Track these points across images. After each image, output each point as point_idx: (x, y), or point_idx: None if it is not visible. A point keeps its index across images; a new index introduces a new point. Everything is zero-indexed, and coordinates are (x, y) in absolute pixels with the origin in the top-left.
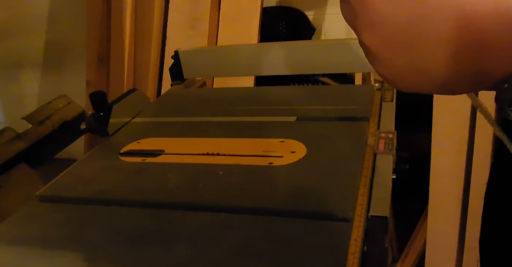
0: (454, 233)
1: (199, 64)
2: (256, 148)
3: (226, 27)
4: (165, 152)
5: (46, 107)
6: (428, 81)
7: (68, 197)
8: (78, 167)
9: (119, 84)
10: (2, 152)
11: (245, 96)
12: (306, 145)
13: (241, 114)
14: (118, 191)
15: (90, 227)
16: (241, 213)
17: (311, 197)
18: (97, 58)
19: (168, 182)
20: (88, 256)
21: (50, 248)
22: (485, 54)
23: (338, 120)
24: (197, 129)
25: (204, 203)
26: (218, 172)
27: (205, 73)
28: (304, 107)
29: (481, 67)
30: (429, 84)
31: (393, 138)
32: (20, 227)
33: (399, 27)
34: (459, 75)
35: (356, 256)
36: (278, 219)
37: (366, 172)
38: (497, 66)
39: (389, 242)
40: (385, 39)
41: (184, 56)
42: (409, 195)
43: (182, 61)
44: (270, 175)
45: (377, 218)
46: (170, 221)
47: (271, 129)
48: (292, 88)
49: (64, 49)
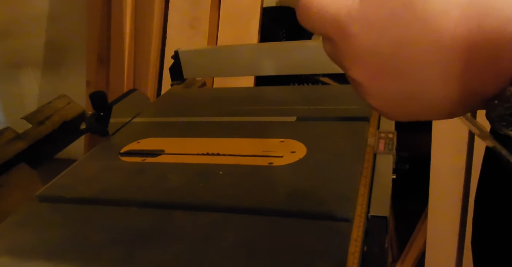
0: (454, 233)
1: (199, 64)
2: (256, 148)
3: (226, 27)
4: (165, 152)
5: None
6: (422, 107)
7: (68, 197)
8: (78, 167)
9: (119, 84)
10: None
11: (245, 96)
12: (306, 145)
13: (241, 114)
14: (118, 191)
15: (90, 227)
16: (241, 213)
17: (311, 197)
18: (97, 58)
19: (168, 182)
20: (88, 256)
21: (50, 248)
22: (472, 73)
23: (338, 120)
24: (197, 129)
25: (204, 203)
26: (218, 172)
27: (205, 73)
28: (304, 107)
29: (470, 86)
30: (423, 110)
31: (393, 138)
32: (20, 227)
33: (386, 57)
34: (451, 96)
35: (356, 256)
36: (278, 219)
37: (366, 172)
38: (485, 84)
39: (389, 242)
40: (373, 70)
41: (184, 56)
42: (409, 195)
43: (182, 61)
44: (270, 175)
45: (377, 218)
46: (170, 221)
47: (271, 129)
48: (292, 88)
49: (64, 49)
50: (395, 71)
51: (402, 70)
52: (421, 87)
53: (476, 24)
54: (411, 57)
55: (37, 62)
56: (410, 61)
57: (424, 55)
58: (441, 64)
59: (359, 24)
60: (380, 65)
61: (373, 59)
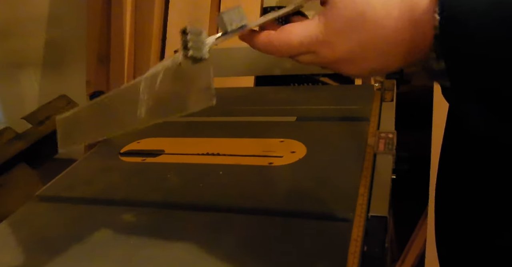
0: None
1: None
2: (256, 148)
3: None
4: (165, 152)
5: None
6: (382, 72)
7: (68, 197)
8: (78, 167)
9: (119, 84)
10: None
11: (245, 96)
12: (306, 145)
13: (241, 114)
14: (118, 191)
15: (90, 227)
16: (241, 213)
17: (311, 197)
18: (97, 58)
19: (168, 182)
20: (88, 256)
21: (50, 248)
22: (412, 49)
23: (338, 120)
24: (197, 129)
25: (204, 203)
26: (218, 172)
27: None
28: (304, 107)
29: (412, 56)
30: (382, 73)
31: (393, 138)
32: (20, 227)
33: (357, 52)
34: (399, 65)
35: (356, 256)
36: (278, 219)
37: (366, 172)
38: (420, 52)
39: (389, 242)
40: (350, 62)
41: None
42: (409, 195)
43: None
44: (270, 175)
45: (377, 218)
46: (170, 221)
47: (271, 129)
48: (292, 88)
49: (64, 49)
50: (366, 59)
51: (370, 58)
52: (383, 65)
53: (407, 18)
54: (373, 49)
55: (37, 62)
56: (373, 51)
57: (380, 46)
58: (393, 50)
59: (331, 37)
60: (354, 58)
61: (348, 55)
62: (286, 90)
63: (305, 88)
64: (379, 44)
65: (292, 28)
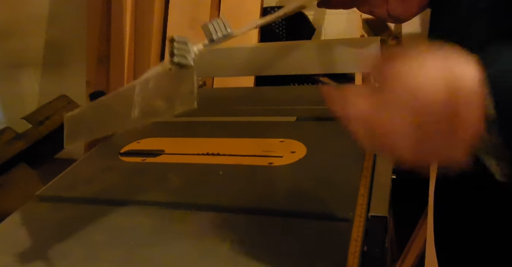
0: None
1: (199, 64)
2: (256, 148)
3: None
4: (165, 152)
5: (46, 107)
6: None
7: (68, 197)
8: (78, 167)
9: (119, 84)
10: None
11: (245, 96)
12: (306, 145)
13: (241, 114)
14: (118, 191)
15: (90, 227)
16: (241, 213)
17: (311, 197)
18: (97, 58)
19: (168, 182)
20: (88, 256)
21: (50, 248)
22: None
23: (338, 120)
24: (197, 129)
25: (204, 203)
26: (218, 172)
27: (205, 73)
28: (304, 107)
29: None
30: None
31: None
32: (20, 227)
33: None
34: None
35: (356, 256)
36: (278, 219)
37: (366, 172)
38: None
39: (389, 242)
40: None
41: None
42: (409, 195)
43: None
44: (270, 175)
45: (377, 218)
46: (170, 221)
47: (271, 129)
48: (292, 88)
49: (64, 49)
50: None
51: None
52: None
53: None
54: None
55: (37, 62)
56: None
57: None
58: (442, 121)
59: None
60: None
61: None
62: (286, 90)
63: (305, 88)
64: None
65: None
